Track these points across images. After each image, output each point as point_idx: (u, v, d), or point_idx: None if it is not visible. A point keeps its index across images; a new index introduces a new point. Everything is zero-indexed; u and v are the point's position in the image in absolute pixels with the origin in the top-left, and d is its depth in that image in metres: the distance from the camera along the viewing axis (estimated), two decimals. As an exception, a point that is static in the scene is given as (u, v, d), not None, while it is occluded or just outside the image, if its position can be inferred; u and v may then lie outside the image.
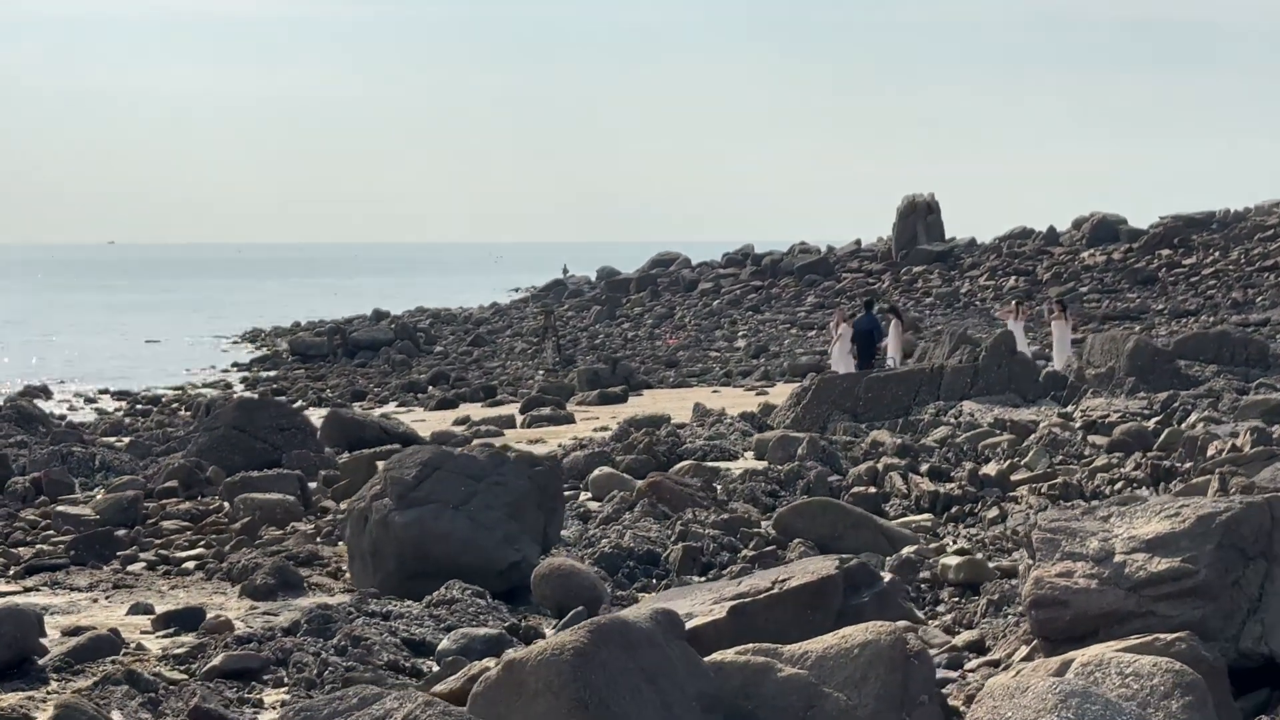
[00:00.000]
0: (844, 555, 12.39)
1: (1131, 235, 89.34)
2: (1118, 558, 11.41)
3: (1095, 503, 18.92)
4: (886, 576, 12.16)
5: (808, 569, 11.96)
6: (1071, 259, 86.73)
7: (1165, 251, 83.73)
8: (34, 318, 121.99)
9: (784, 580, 11.80)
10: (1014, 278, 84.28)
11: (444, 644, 14.49)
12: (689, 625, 11.50)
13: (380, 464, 25.87)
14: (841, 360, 43.78)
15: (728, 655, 10.67)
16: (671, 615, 10.37)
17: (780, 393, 45.25)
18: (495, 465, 18.61)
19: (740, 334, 74.98)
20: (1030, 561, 11.79)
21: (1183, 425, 30.37)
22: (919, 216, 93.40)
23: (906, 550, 19.06)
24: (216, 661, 14.31)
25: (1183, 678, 9.03)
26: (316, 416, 39.39)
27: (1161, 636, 10.37)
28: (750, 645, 10.79)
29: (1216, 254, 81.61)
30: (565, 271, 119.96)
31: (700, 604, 11.76)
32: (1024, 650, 12.42)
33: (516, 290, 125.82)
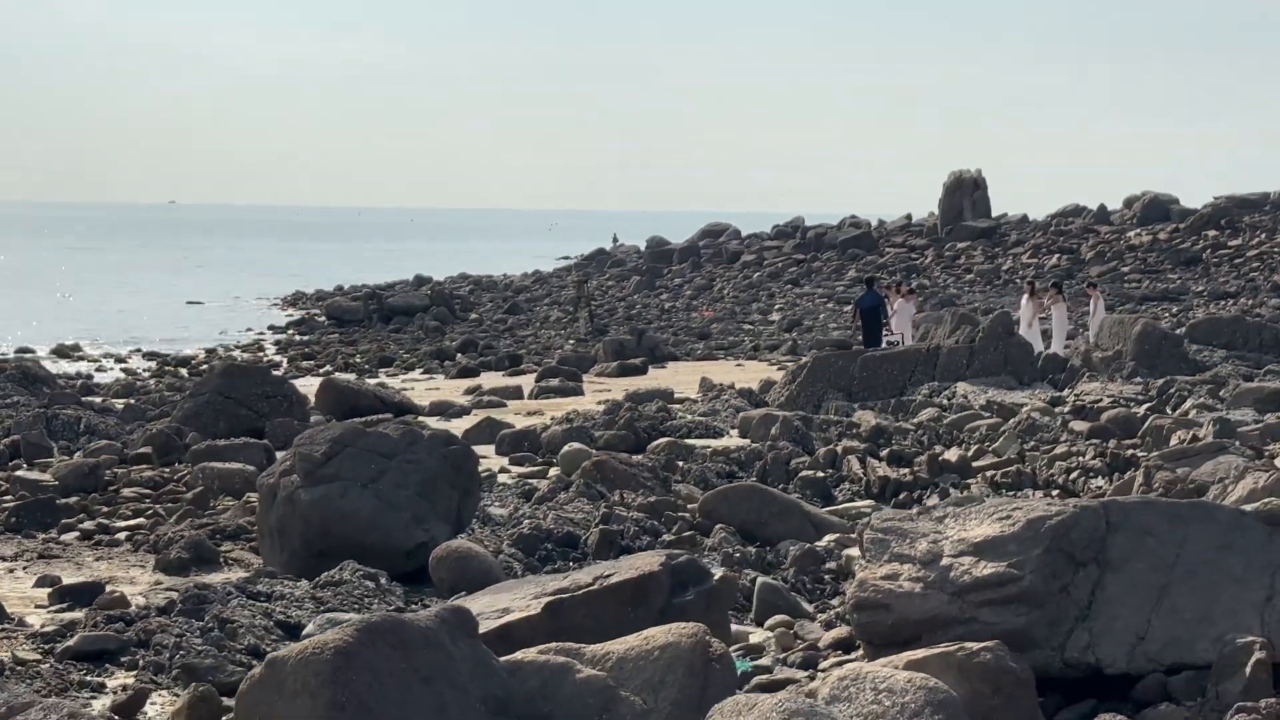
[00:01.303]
0: (674, 551, 12.01)
1: (1182, 215, 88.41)
2: (945, 561, 11.04)
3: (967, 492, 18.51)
4: (718, 574, 11.78)
5: (634, 565, 11.61)
6: (1117, 238, 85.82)
7: (1211, 232, 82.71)
8: (81, 275, 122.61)
9: (607, 576, 11.45)
10: (1057, 256, 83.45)
11: (308, 629, 14.17)
12: (504, 621, 11.20)
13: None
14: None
15: (529, 654, 10.35)
16: (462, 613, 10.05)
17: (799, 369, 44.83)
18: (408, 443, 18.28)
19: (776, 307, 74.51)
20: (862, 562, 11.42)
21: (1175, 412, 29.87)
22: (965, 192, 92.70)
23: (827, 539, 18.69)
24: (72, 642, 14.04)
25: (935, 695, 8.64)
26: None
27: (967, 645, 9.98)
28: (553, 645, 10.47)
29: (1263, 235, 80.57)
30: (615, 240, 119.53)
31: (521, 599, 11.43)
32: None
33: (566, 258, 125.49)
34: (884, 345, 41.03)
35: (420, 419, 35.70)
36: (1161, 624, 10.87)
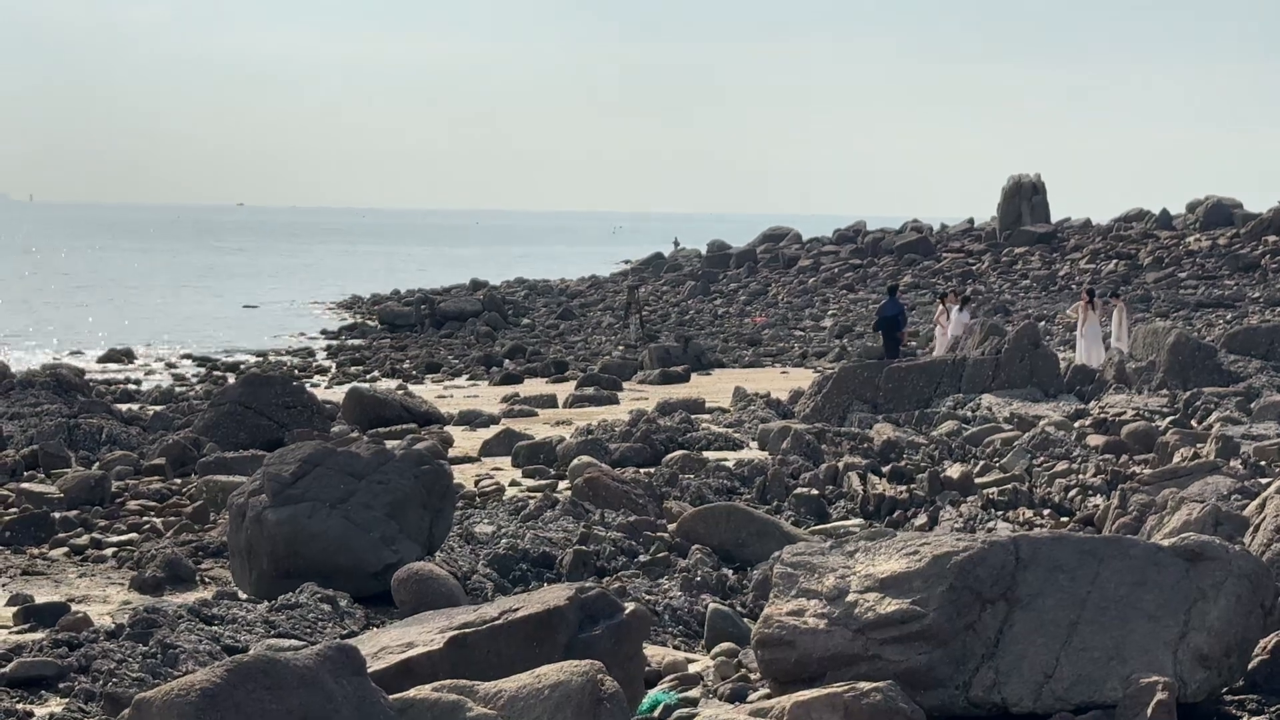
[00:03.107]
0: (584, 584, 11.86)
1: (1245, 220, 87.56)
2: (850, 597, 10.86)
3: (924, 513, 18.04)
4: (629, 607, 11.62)
5: (542, 599, 11.48)
6: (1176, 243, 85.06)
7: (1271, 238, 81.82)
8: (144, 278, 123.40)
9: (513, 610, 11.32)
10: (1115, 261, 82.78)
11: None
12: (406, 656, 11.07)
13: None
14: (942, 347, 42.99)
15: (423, 692, 10.22)
16: (347, 650, 9.92)
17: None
18: (379, 463, 18.18)
19: (829, 313, 74.17)
20: (772, 597, 11.25)
21: (1200, 425, 29.55)
22: (1024, 197, 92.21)
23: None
24: (7, 668, 13.96)
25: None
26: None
27: (858, 686, 9.81)
28: (447, 682, 10.35)
29: (1326, 240, 79.82)
30: (676, 244, 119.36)
31: (428, 633, 11.31)
32: (802, 684, 11.87)
33: (627, 262, 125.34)
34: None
35: (446, 429, 35.67)
36: (1070, 662, 10.67)
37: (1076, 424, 29.71)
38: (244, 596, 17.50)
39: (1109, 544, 11.09)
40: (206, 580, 19.14)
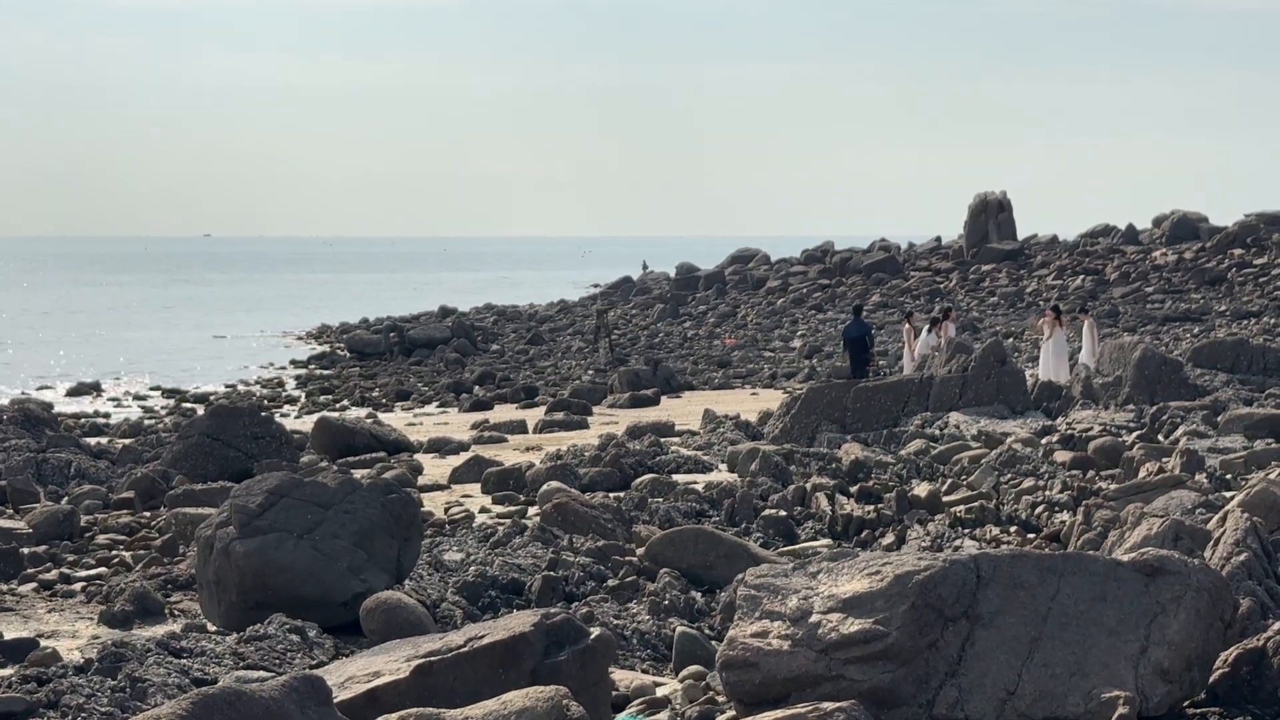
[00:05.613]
0: (549, 610, 11.90)
1: (1211, 234, 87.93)
2: (814, 617, 10.93)
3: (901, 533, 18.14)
4: (594, 631, 11.68)
5: (507, 625, 11.54)
6: (1143, 258, 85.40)
7: (1237, 251, 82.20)
8: (112, 311, 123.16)
9: (479, 637, 11.37)
10: (1082, 277, 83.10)
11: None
12: (372, 685, 11.12)
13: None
14: (910, 366, 43.13)
15: (390, 719, 10.29)
16: (312, 681, 9.99)
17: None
18: (345, 493, 18.21)
19: (799, 333, 74.32)
20: (736, 619, 11.31)
21: (1167, 439, 29.65)
22: (990, 214, 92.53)
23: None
24: (-26, 704, 13.96)
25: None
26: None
27: (822, 706, 9.89)
28: (414, 710, 10.40)
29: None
30: (645, 267, 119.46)
31: (394, 661, 11.36)
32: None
33: (596, 286, 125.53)
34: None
35: (415, 456, 35.69)
36: (1032, 678, 10.74)
37: (1044, 440, 29.78)
38: (213, 628, 17.52)
39: (1069, 560, 11.18)
40: (176, 613, 19.15)
